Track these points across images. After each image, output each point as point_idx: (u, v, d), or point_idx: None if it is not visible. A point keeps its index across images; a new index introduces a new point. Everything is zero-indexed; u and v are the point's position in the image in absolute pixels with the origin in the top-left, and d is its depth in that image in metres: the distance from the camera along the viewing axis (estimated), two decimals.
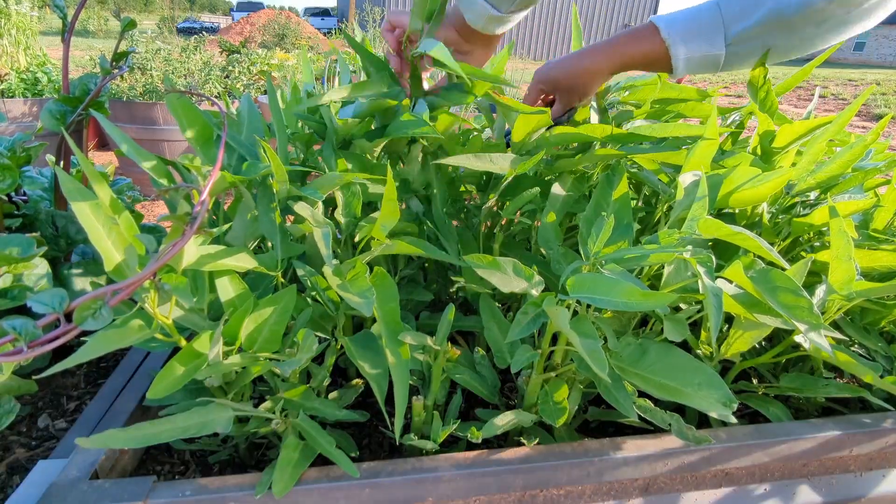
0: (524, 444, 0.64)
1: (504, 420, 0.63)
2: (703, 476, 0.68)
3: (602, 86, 0.80)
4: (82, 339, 0.48)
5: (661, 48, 0.70)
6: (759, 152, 0.83)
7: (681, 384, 0.59)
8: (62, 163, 0.87)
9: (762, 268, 0.61)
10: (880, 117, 6.94)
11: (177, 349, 0.57)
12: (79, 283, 0.82)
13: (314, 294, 0.67)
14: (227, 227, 0.68)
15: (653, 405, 0.66)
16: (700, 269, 0.56)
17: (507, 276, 0.63)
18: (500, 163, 0.72)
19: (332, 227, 0.64)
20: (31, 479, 0.58)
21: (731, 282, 0.63)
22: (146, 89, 2.74)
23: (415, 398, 0.65)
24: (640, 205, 0.93)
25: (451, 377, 0.71)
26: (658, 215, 0.85)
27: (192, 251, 0.56)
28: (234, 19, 21.09)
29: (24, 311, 0.71)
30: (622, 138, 0.75)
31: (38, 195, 0.93)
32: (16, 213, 0.86)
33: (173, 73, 2.98)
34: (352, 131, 0.78)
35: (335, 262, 0.63)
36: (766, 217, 0.81)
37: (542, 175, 0.86)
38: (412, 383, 0.70)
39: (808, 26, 0.64)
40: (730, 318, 0.71)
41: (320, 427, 0.60)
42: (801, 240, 0.85)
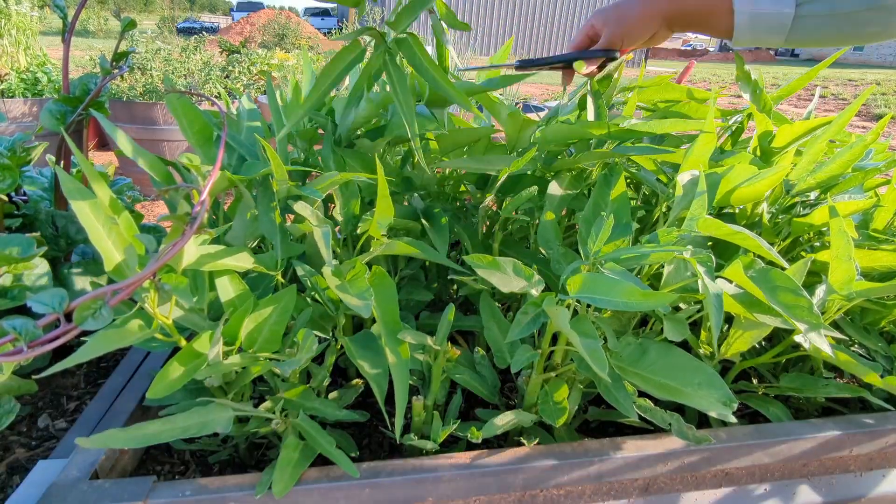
0: (524, 444, 0.64)
1: (504, 420, 0.63)
2: (703, 476, 0.68)
3: (656, 36, 0.75)
4: (82, 339, 0.48)
5: (725, 0, 0.66)
6: (758, 153, 0.83)
7: (681, 384, 0.59)
8: (62, 163, 0.87)
9: (762, 267, 0.61)
10: (880, 117, 6.93)
11: (177, 349, 0.57)
12: (79, 283, 0.82)
13: (314, 294, 0.67)
14: (227, 227, 0.68)
15: (653, 405, 0.66)
16: (700, 269, 0.56)
17: (506, 275, 0.63)
18: (496, 164, 0.72)
19: (332, 226, 0.64)
20: (31, 479, 0.58)
21: (730, 281, 0.63)
22: (146, 89, 2.75)
23: (415, 398, 0.65)
24: (638, 204, 0.93)
25: (451, 377, 0.71)
26: (657, 214, 0.85)
27: (192, 251, 0.56)
28: (234, 19, 21.10)
29: (24, 311, 0.71)
30: (620, 135, 0.75)
31: (38, 195, 0.93)
32: (16, 213, 0.86)
33: (173, 73, 2.98)
34: (360, 127, 0.77)
35: (335, 262, 0.63)
36: (766, 217, 0.81)
37: (539, 170, 0.85)
38: (412, 383, 0.70)
39: None
40: (730, 318, 0.71)
41: (320, 427, 0.60)
42: (801, 240, 0.85)
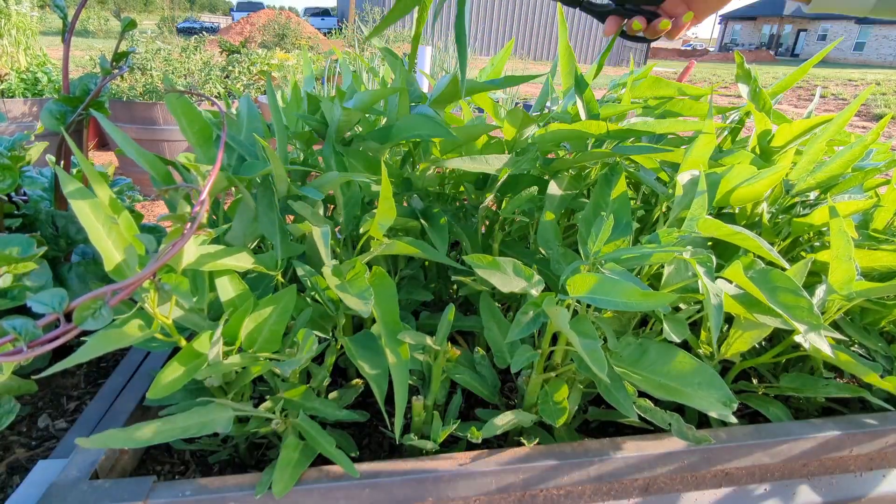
0: (524, 444, 0.64)
1: (504, 420, 0.63)
2: (703, 476, 0.68)
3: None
4: (82, 339, 0.48)
5: None
6: (757, 152, 0.83)
7: (681, 384, 0.59)
8: (62, 163, 0.87)
9: (762, 268, 0.61)
10: (880, 117, 6.94)
11: (177, 349, 0.57)
12: (79, 283, 0.82)
13: (314, 294, 0.67)
14: (227, 227, 0.68)
15: (653, 405, 0.66)
16: (700, 269, 0.56)
17: (506, 275, 0.63)
18: (495, 164, 0.72)
19: (332, 226, 0.64)
20: (31, 479, 0.58)
21: (730, 282, 0.63)
22: (146, 89, 2.74)
23: (415, 398, 0.65)
24: (638, 204, 0.93)
25: (451, 377, 0.71)
26: (657, 214, 0.85)
27: (192, 251, 0.56)
28: (234, 19, 21.13)
29: (24, 311, 0.71)
30: (619, 134, 0.75)
31: (38, 195, 0.93)
32: (16, 213, 0.86)
33: (173, 73, 2.98)
34: (353, 122, 0.77)
35: (335, 262, 0.63)
36: (766, 217, 0.81)
37: (539, 170, 0.85)
38: (412, 383, 0.70)
39: None
40: (730, 318, 0.71)
41: (320, 427, 0.60)
42: (801, 240, 0.85)
